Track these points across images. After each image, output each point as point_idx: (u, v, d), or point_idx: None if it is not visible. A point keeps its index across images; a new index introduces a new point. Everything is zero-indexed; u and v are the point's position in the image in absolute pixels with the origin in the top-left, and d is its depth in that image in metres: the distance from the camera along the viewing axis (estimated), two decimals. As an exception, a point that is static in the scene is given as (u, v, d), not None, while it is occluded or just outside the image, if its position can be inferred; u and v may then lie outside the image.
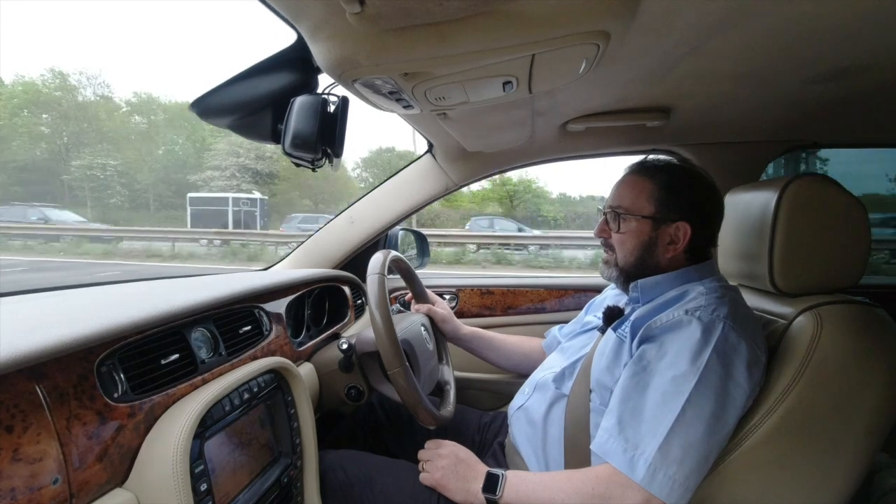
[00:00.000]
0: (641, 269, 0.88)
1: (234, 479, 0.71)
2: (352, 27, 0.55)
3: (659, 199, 0.86)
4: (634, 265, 0.88)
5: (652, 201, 0.86)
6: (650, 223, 0.86)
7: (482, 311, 1.58)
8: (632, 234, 0.87)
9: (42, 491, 0.49)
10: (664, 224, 0.86)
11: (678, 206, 0.85)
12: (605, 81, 0.90)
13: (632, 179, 0.89)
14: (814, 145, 1.31)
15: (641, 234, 0.87)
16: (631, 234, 0.87)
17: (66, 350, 0.53)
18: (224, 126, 0.80)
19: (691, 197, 0.86)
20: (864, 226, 0.79)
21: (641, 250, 0.87)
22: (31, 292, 0.88)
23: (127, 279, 1.11)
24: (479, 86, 0.72)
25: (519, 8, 0.53)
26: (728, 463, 0.73)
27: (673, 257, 0.87)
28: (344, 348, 1.00)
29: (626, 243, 0.88)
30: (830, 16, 0.61)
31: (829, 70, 0.80)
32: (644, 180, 0.88)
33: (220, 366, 0.77)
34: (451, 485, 0.83)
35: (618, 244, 0.89)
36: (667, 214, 0.85)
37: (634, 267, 0.89)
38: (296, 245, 1.51)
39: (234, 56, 39.13)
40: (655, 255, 0.87)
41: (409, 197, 1.44)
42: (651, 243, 0.87)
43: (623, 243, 0.89)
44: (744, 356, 0.72)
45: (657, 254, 0.87)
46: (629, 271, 0.89)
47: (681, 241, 0.85)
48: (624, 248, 0.89)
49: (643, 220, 0.86)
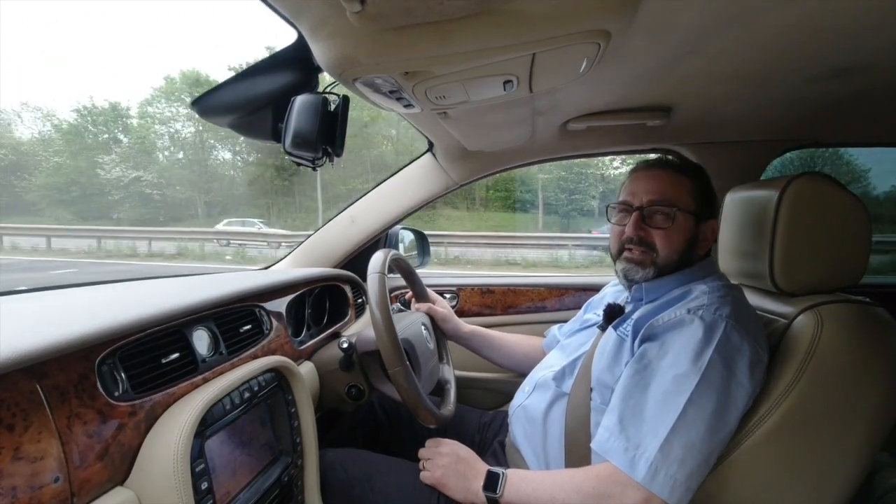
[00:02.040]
0: (677, 267, 0.87)
1: (234, 478, 0.71)
2: (352, 26, 0.55)
3: (699, 196, 0.87)
4: (675, 262, 0.87)
5: (694, 198, 0.86)
6: (694, 220, 0.86)
7: (483, 310, 1.58)
8: (680, 229, 0.85)
9: (43, 489, 0.49)
10: (702, 221, 0.87)
11: (710, 204, 0.88)
12: (605, 80, 0.90)
13: (668, 176, 0.87)
14: (814, 144, 1.31)
15: (688, 230, 0.86)
16: (680, 229, 0.85)
17: (66, 349, 0.53)
18: (225, 125, 0.80)
19: (713, 195, 0.90)
20: (864, 225, 0.79)
21: (686, 246, 0.86)
22: (32, 292, 0.88)
23: (128, 278, 1.11)
24: (480, 85, 0.72)
25: (520, 7, 0.53)
26: (729, 462, 0.73)
27: (702, 255, 0.89)
28: (344, 347, 1.00)
29: (673, 240, 0.85)
30: (831, 15, 0.61)
31: (830, 69, 0.80)
32: (682, 177, 0.87)
33: (221, 365, 0.77)
34: (451, 483, 0.83)
35: (664, 240, 0.85)
36: (704, 212, 0.87)
37: (674, 264, 0.87)
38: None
39: (233, 56, 39.13)
40: (694, 252, 0.88)
41: (409, 196, 1.44)
42: (693, 240, 0.87)
43: (670, 239, 0.85)
44: (746, 356, 0.72)
45: (694, 251, 0.88)
46: (666, 270, 0.87)
47: (709, 238, 0.88)
48: (671, 244, 0.85)
49: (689, 217, 0.86)
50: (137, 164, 19.89)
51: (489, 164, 1.43)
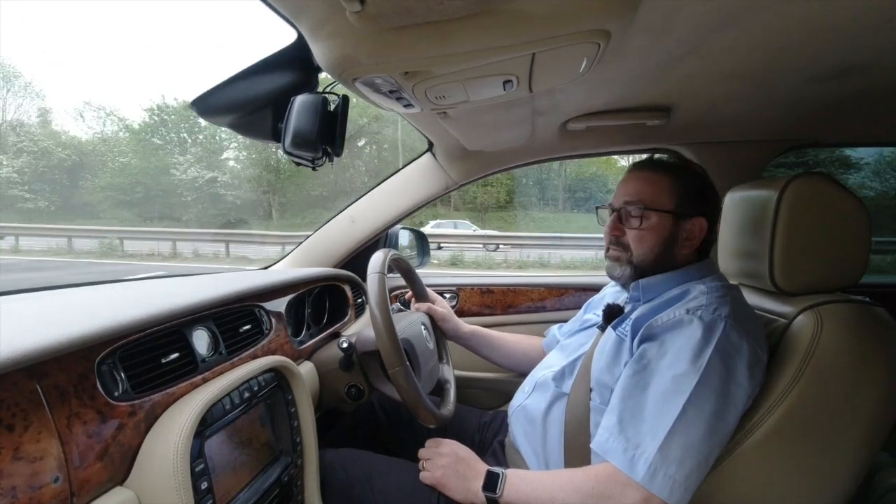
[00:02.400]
0: (657, 266, 0.87)
1: (234, 478, 0.71)
2: (352, 26, 0.54)
3: (679, 194, 0.86)
4: (652, 262, 0.87)
5: (672, 196, 0.86)
6: (671, 218, 0.86)
7: (482, 310, 1.58)
8: (652, 229, 0.86)
9: (43, 489, 0.49)
10: (682, 219, 0.86)
11: (695, 202, 0.86)
12: (605, 80, 0.90)
13: (647, 175, 0.88)
14: (814, 144, 1.31)
15: (662, 229, 0.86)
16: (651, 229, 0.86)
17: (66, 349, 0.53)
18: (224, 125, 0.80)
19: (703, 192, 0.87)
20: (864, 225, 0.79)
21: (661, 246, 0.86)
22: (31, 291, 0.88)
23: (129, 278, 1.11)
24: (480, 85, 0.72)
25: (519, 7, 0.53)
26: (728, 462, 0.73)
27: (688, 254, 0.87)
28: (344, 347, 1.00)
29: (645, 240, 0.87)
30: (831, 15, 0.61)
31: (830, 69, 0.80)
32: (662, 176, 0.87)
33: (221, 365, 0.77)
34: (451, 483, 0.83)
35: (635, 240, 0.87)
36: (686, 210, 0.86)
37: (651, 264, 0.87)
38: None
39: (233, 56, 39.10)
40: (673, 252, 0.87)
41: (409, 196, 1.44)
42: (671, 239, 0.86)
43: (642, 240, 0.87)
44: (745, 356, 0.72)
45: (675, 250, 0.87)
46: (645, 269, 0.88)
47: (696, 236, 0.86)
48: (643, 244, 0.87)
49: (664, 216, 0.86)
50: (210, 164, 19.28)
51: (489, 164, 1.43)
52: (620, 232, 0.89)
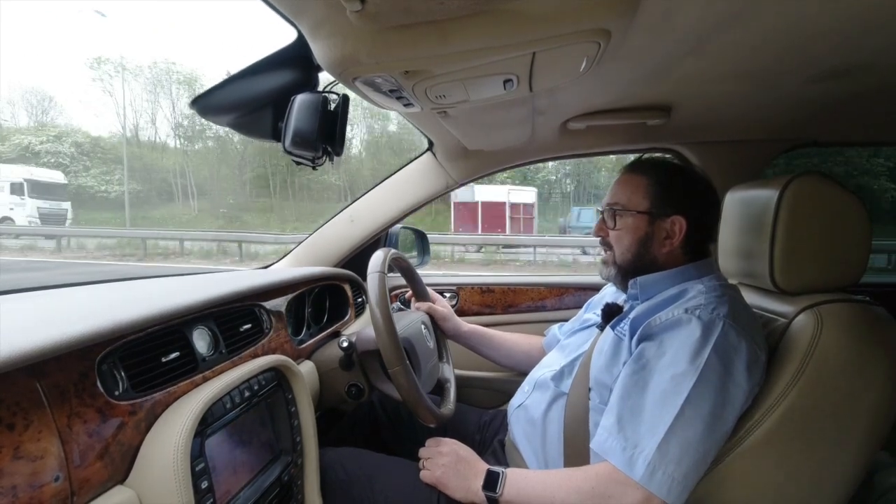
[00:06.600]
0: (639, 266, 0.89)
1: (234, 477, 0.71)
2: (352, 25, 0.54)
3: (653, 194, 0.87)
4: (632, 261, 0.89)
5: (647, 197, 0.87)
6: (646, 218, 0.87)
7: (482, 310, 1.58)
8: (628, 229, 0.88)
9: (43, 488, 0.49)
10: (659, 219, 0.86)
11: (672, 201, 0.86)
12: (605, 80, 0.90)
13: (627, 177, 0.91)
14: (814, 144, 1.31)
15: (637, 229, 0.87)
16: (627, 229, 0.88)
17: (66, 348, 0.53)
18: (225, 124, 0.80)
19: (685, 191, 0.87)
20: (864, 225, 0.79)
21: (638, 246, 0.88)
22: (31, 291, 0.88)
23: (129, 277, 1.11)
24: (480, 84, 0.72)
25: (520, 6, 0.53)
26: (728, 461, 0.73)
27: (669, 252, 0.87)
28: (344, 346, 1.00)
29: (622, 239, 0.89)
30: (831, 16, 0.61)
31: (830, 70, 0.80)
32: (638, 177, 0.89)
33: (221, 364, 0.77)
34: (451, 483, 0.83)
35: (615, 241, 0.90)
36: (661, 209, 0.86)
37: (632, 263, 0.89)
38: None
39: (233, 54, 39.08)
40: (652, 251, 0.87)
41: (409, 195, 1.44)
42: (647, 238, 0.87)
43: (620, 239, 0.89)
44: (743, 355, 0.73)
45: (653, 249, 0.87)
46: (627, 268, 0.90)
47: (676, 235, 0.86)
48: (621, 244, 0.89)
49: (639, 216, 0.87)
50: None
51: (489, 163, 1.43)
52: (605, 233, 0.93)
